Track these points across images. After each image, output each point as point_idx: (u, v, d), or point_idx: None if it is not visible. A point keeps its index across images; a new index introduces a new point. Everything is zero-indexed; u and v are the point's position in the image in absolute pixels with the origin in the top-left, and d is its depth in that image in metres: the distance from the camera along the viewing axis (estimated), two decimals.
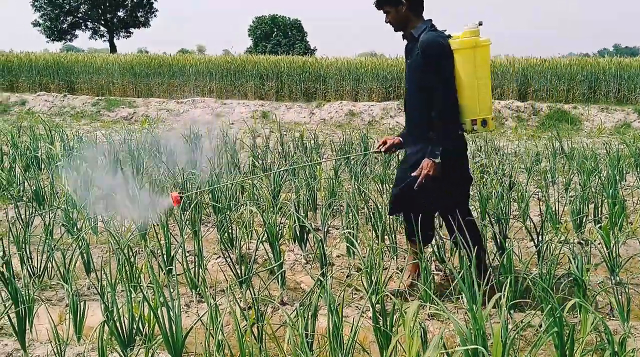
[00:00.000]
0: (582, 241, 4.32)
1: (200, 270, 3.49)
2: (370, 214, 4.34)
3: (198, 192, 4.97)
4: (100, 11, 43.38)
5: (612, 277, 3.57)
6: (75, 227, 4.29)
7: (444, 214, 3.48)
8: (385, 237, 4.17)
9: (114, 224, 4.39)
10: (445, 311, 2.36)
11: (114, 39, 44.67)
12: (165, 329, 2.54)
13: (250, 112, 14.40)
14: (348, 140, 8.13)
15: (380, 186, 5.65)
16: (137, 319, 2.75)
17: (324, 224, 4.48)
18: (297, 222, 4.20)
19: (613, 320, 3.09)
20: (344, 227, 4.33)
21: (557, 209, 4.65)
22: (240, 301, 3.21)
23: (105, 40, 44.97)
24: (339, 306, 2.51)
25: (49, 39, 43.37)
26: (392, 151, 3.64)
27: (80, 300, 2.91)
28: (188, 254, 3.93)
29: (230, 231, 4.24)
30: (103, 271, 3.06)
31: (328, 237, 4.51)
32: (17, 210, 4.42)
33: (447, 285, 3.51)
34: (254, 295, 2.81)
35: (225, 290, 3.42)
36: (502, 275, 3.25)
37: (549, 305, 2.44)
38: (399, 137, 3.57)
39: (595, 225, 4.44)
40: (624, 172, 6.35)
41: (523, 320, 2.79)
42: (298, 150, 7.89)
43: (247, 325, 2.66)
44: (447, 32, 3.21)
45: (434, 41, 3.13)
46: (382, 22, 3.35)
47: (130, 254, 3.31)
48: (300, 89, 16.86)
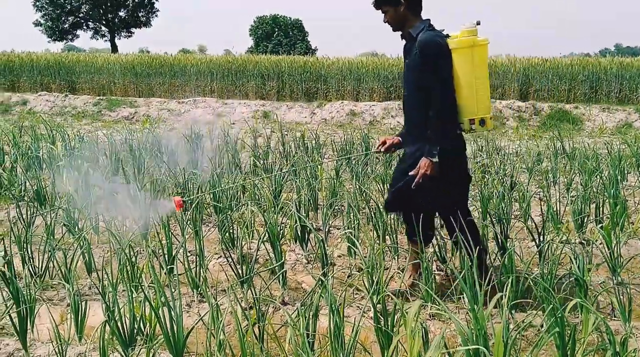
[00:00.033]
0: (583, 241, 4.32)
1: (202, 270, 3.49)
2: (372, 214, 4.34)
3: (201, 195, 4.97)
4: (102, 11, 43.40)
5: (613, 278, 3.57)
6: (77, 227, 4.29)
7: (444, 214, 3.47)
8: (387, 237, 4.17)
9: (115, 223, 4.39)
10: (447, 311, 2.36)
11: (115, 39, 44.70)
12: (167, 328, 2.54)
13: (252, 112, 14.40)
14: (349, 140, 8.13)
15: (382, 186, 5.64)
16: (138, 319, 2.76)
17: (325, 224, 4.48)
18: (298, 222, 4.20)
19: (614, 320, 3.09)
20: (345, 227, 4.33)
21: (558, 209, 4.65)
22: (242, 301, 3.21)
23: (107, 40, 45.01)
24: (340, 306, 2.51)
25: (50, 39, 43.40)
26: (391, 151, 3.65)
27: (82, 300, 2.92)
28: (189, 253, 3.94)
29: (232, 231, 4.24)
30: (104, 271, 3.06)
31: (329, 237, 4.51)
32: (18, 210, 4.43)
33: (448, 285, 3.51)
34: (255, 295, 2.81)
35: (227, 290, 3.41)
36: (503, 275, 3.25)
37: (551, 305, 2.44)
38: (398, 137, 3.57)
39: (597, 225, 4.44)
40: (626, 172, 6.35)
41: (524, 320, 2.78)
42: (299, 150, 7.89)
43: (248, 325, 2.66)
44: (445, 32, 3.21)
45: (432, 40, 3.13)
46: (382, 22, 3.35)
47: (132, 253, 3.32)
48: (302, 88, 16.86)
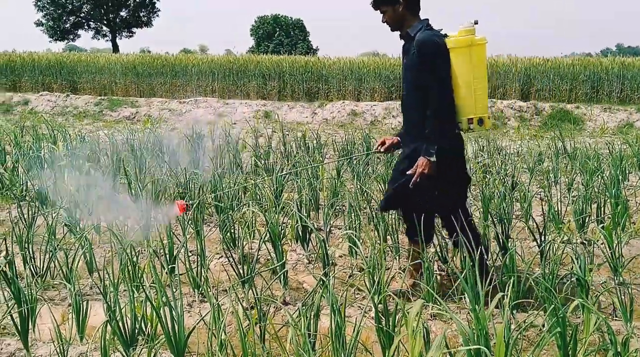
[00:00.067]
0: (584, 241, 4.31)
1: (203, 270, 3.49)
2: (373, 214, 4.34)
3: (205, 197, 4.97)
4: (103, 11, 43.44)
5: (615, 278, 3.56)
6: (78, 227, 4.30)
7: (442, 213, 3.47)
8: (388, 237, 4.17)
9: (117, 223, 4.39)
10: (448, 311, 2.35)
11: (117, 38, 44.74)
12: (168, 328, 2.55)
13: (253, 112, 14.40)
14: (350, 140, 8.13)
15: (383, 186, 5.64)
16: (139, 318, 2.76)
17: (327, 224, 4.48)
18: (299, 222, 4.20)
19: (616, 320, 3.09)
20: (347, 227, 4.33)
21: (559, 209, 4.65)
22: (243, 301, 3.21)
23: (108, 40, 45.05)
24: (342, 306, 2.51)
25: (52, 38, 43.46)
26: (390, 151, 3.65)
27: (83, 300, 2.92)
28: (190, 253, 3.94)
29: (233, 231, 4.24)
30: (105, 271, 3.06)
31: (330, 237, 4.51)
32: (20, 210, 4.43)
33: (449, 285, 3.50)
34: (257, 295, 2.81)
35: (228, 290, 3.42)
36: (504, 275, 3.25)
37: (552, 305, 2.44)
38: (397, 137, 3.57)
39: (598, 225, 4.43)
40: (627, 172, 6.34)
41: (526, 320, 2.79)
42: (300, 150, 7.89)
43: (249, 325, 2.66)
44: (443, 32, 3.22)
45: (429, 40, 3.14)
46: (381, 22, 3.35)
47: (133, 253, 3.32)
48: (303, 88, 16.86)
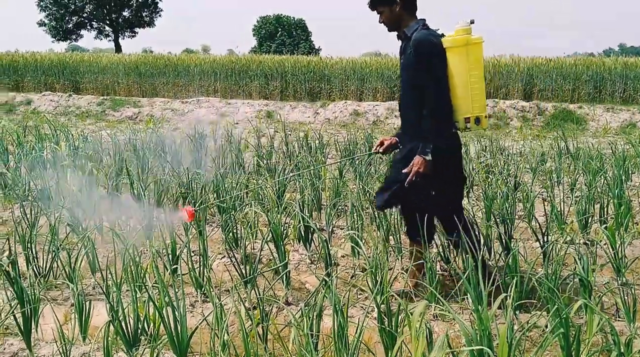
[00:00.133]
0: (587, 242, 4.30)
1: (205, 270, 3.49)
2: (375, 214, 4.34)
3: (208, 199, 4.97)
4: (106, 11, 43.48)
5: (618, 278, 3.55)
6: (81, 227, 4.30)
7: (439, 213, 3.46)
8: (390, 237, 4.17)
9: (119, 223, 4.40)
10: (451, 312, 2.35)
11: (119, 38, 44.78)
12: (171, 329, 2.55)
13: (255, 112, 14.41)
14: (352, 140, 8.13)
15: None
16: (142, 318, 2.76)
17: (329, 224, 4.48)
18: (301, 222, 4.20)
19: (619, 321, 3.08)
20: (349, 227, 4.33)
21: (562, 209, 4.64)
22: (245, 301, 3.21)
23: (111, 40, 45.13)
24: (344, 306, 2.51)
25: (54, 38, 43.52)
26: (389, 151, 3.65)
27: (86, 300, 2.92)
28: (193, 253, 3.94)
29: (235, 231, 4.24)
30: (108, 271, 3.06)
31: (333, 237, 4.50)
32: (22, 209, 4.43)
33: (452, 285, 3.50)
34: (259, 295, 2.81)
35: (230, 290, 3.42)
36: (507, 275, 3.24)
37: (555, 306, 2.43)
38: (395, 138, 3.57)
39: (601, 225, 4.43)
40: (630, 173, 6.33)
41: (529, 321, 2.78)
42: (303, 150, 7.89)
43: (252, 325, 2.66)
44: (440, 31, 3.22)
45: (426, 39, 3.14)
46: (378, 23, 3.36)
47: (135, 253, 3.32)
48: (305, 88, 16.87)
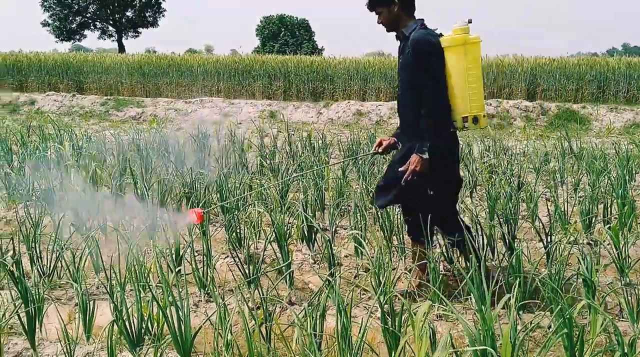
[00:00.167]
0: (591, 242, 4.30)
1: (209, 270, 3.49)
2: (378, 214, 4.34)
3: (217, 204, 4.97)
4: (109, 11, 43.55)
5: (621, 278, 3.55)
6: (85, 227, 4.31)
7: (436, 213, 3.45)
8: (394, 238, 4.17)
9: (123, 223, 4.41)
10: (454, 312, 2.35)
11: (123, 38, 44.85)
12: (174, 328, 2.55)
13: (258, 112, 14.42)
14: (356, 140, 8.13)
15: None
16: (146, 318, 2.76)
17: (332, 224, 4.48)
18: (305, 222, 4.20)
19: (623, 321, 3.08)
20: (352, 227, 4.33)
21: (566, 209, 4.63)
22: (249, 301, 3.22)
23: (114, 40, 45.18)
24: (348, 306, 2.51)
25: (58, 39, 43.60)
26: (388, 152, 3.65)
27: (90, 299, 2.93)
28: (196, 253, 3.94)
29: (239, 231, 4.25)
30: (112, 270, 3.07)
31: (336, 237, 4.51)
32: (26, 209, 4.44)
33: (455, 285, 3.50)
34: (262, 295, 2.81)
35: (234, 290, 3.42)
36: (511, 276, 3.24)
37: (559, 306, 2.43)
38: (394, 137, 3.58)
39: (605, 225, 4.42)
40: (634, 173, 6.31)
41: (532, 321, 2.78)
42: (306, 150, 7.89)
43: (255, 325, 2.67)
44: (438, 31, 3.22)
45: (424, 39, 3.15)
46: (377, 23, 3.37)
47: (139, 253, 3.33)
48: (308, 88, 16.88)
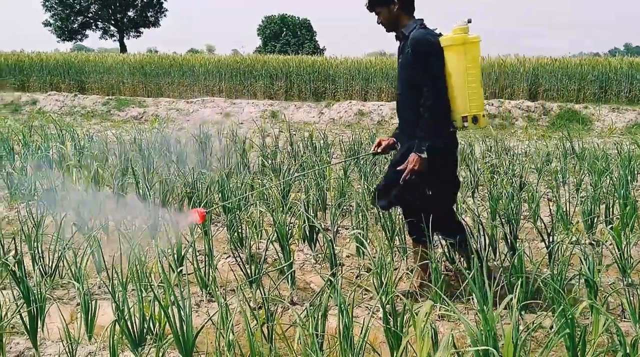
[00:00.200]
0: (593, 242, 4.29)
1: (211, 269, 3.50)
2: (380, 214, 4.33)
3: (218, 204, 4.97)
4: (111, 11, 43.58)
5: (623, 279, 3.55)
6: (86, 227, 4.31)
7: (434, 213, 3.45)
8: (395, 238, 4.17)
9: (124, 223, 4.41)
10: (456, 312, 2.35)
11: (124, 38, 44.88)
12: (176, 328, 2.55)
13: (260, 112, 14.42)
14: (357, 140, 8.13)
15: None
16: (147, 318, 2.77)
17: (334, 224, 4.48)
18: (306, 222, 4.20)
19: (625, 321, 3.07)
20: (354, 227, 4.33)
21: (568, 209, 4.62)
22: (250, 301, 3.21)
23: (116, 40, 45.19)
24: (349, 306, 2.51)
25: (60, 38, 43.63)
26: (387, 152, 3.66)
27: (92, 299, 2.93)
28: (198, 253, 3.95)
29: (240, 231, 4.25)
30: (114, 270, 3.07)
31: (338, 237, 4.51)
32: (28, 209, 4.45)
33: (457, 285, 3.50)
34: (264, 295, 2.81)
35: (236, 289, 3.42)
36: (513, 276, 3.24)
37: (561, 306, 2.42)
38: (393, 137, 3.58)
39: (607, 226, 4.41)
40: (636, 173, 6.30)
41: (534, 321, 2.78)
42: (307, 150, 7.89)
43: (257, 325, 2.67)
44: (437, 31, 3.22)
45: (423, 38, 3.15)
46: (376, 23, 3.37)
47: (141, 253, 3.33)
48: (310, 88, 16.86)
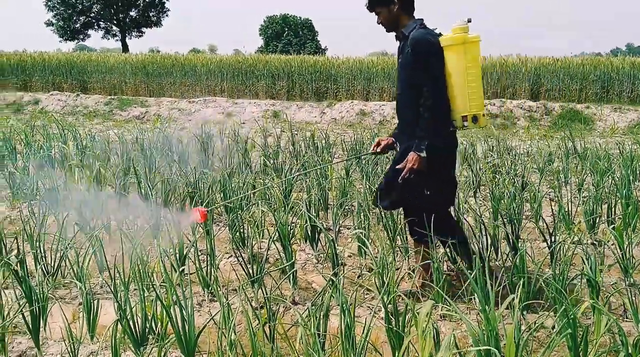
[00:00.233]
0: (595, 242, 4.29)
1: (212, 269, 3.50)
2: (382, 214, 4.33)
3: (216, 199, 4.98)
4: (113, 11, 43.63)
5: (625, 279, 3.54)
6: (89, 226, 4.32)
7: (432, 213, 3.45)
8: (397, 237, 4.17)
9: (127, 222, 4.41)
10: (458, 312, 2.35)
11: (126, 38, 44.92)
12: (178, 328, 2.55)
13: (262, 112, 14.42)
14: (359, 140, 8.13)
15: None
16: (150, 318, 2.77)
17: (336, 223, 4.47)
18: (308, 222, 4.20)
19: (627, 321, 3.07)
20: (356, 227, 4.33)
21: (570, 209, 4.62)
22: (252, 300, 3.22)
23: (118, 39, 45.26)
24: (351, 306, 2.51)
25: (62, 38, 43.70)
26: (386, 152, 3.66)
27: (94, 299, 2.93)
28: (200, 253, 3.95)
29: (242, 230, 4.25)
30: (116, 270, 3.07)
31: (339, 237, 4.50)
32: (30, 209, 4.46)
33: (459, 285, 3.50)
34: (266, 294, 2.81)
35: (237, 289, 3.43)
36: (515, 276, 3.24)
37: (563, 306, 2.42)
38: (392, 138, 3.58)
39: (609, 226, 4.41)
40: (638, 173, 6.29)
41: (536, 321, 2.77)
42: (309, 149, 7.89)
43: (259, 324, 2.67)
44: (437, 31, 3.22)
45: (423, 38, 3.16)
46: (376, 24, 3.37)
47: (143, 253, 3.33)
48: (311, 88, 16.87)
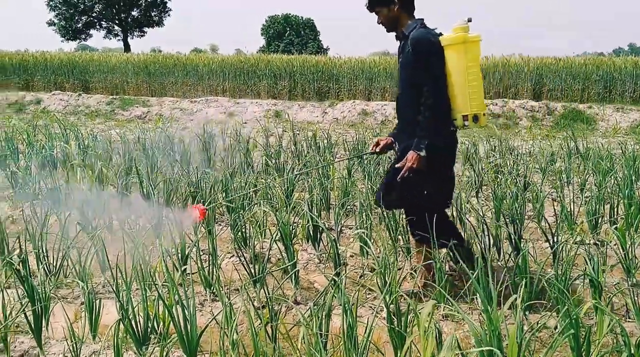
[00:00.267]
0: (597, 242, 4.28)
1: (214, 269, 3.50)
2: (384, 213, 4.33)
3: (218, 198, 4.97)
4: (115, 11, 43.68)
5: (628, 279, 3.54)
6: (91, 226, 4.32)
7: (431, 212, 3.45)
8: (399, 237, 4.16)
9: (129, 222, 4.41)
10: (460, 312, 2.35)
11: (128, 38, 44.96)
12: (180, 327, 2.56)
13: (263, 112, 14.42)
14: (361, 139, 8.12)
15: None
16: (152, 317, 2.77)
17: (338, 223, 4.47)
18: (310, 222, 4.20)
19: (629, 322, 3.07)
20: (358, 227, 4.33)
21: (572, 209, 4.61)
22: (254, 300, 3.22)
23: (120, 39, 45.31)
24: (353, 306, 2.51)
25: (64, 38, 43.76)
26: (385, 152, 3.67)
27: (96, 298, 2.93)
28: (202, 253, 3.95)
29: (244, 230, 4.25)
30: (118, 269, 3.08)
31: (341, 237, 4.50)
32: (32, 208, 4.46)
33: (461, 285, 3.49)
34: (268, 294, 2.82)
35: (239, 289, 3.43)
36: (517, 276, 3.23)
37: (565, 306, 2.42)
38: (391, 137, 3.57)
39: (611, 226, 4.40)
40: None
41: (539, 321, 2.77)
42: (311, 149, 7.89)
43: (261, 324, 2.67)
44: (438, 31, 3.22)
45: (424, 38, 3.16)
46: (377, 24, 3.37)
47: (145, 252, 3.33)
48: (313, 88, 16.87)
